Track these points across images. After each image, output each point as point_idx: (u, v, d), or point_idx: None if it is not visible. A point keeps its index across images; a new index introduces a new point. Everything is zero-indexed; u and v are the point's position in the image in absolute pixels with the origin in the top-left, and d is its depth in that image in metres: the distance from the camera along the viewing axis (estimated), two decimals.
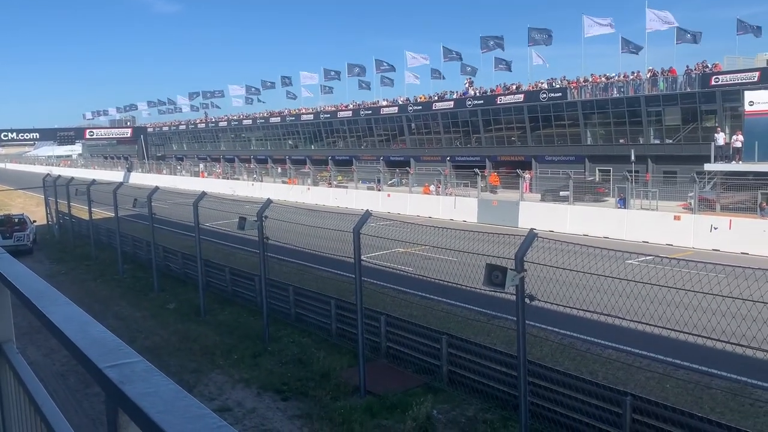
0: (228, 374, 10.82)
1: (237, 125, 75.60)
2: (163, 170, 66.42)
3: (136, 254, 21.15)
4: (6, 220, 25.13)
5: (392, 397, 9.36)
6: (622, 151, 38.98)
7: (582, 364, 10.05)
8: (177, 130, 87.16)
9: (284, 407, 9.53)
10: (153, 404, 0.99)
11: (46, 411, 1.82)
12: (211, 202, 15.03)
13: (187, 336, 12.91)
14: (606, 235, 23.26)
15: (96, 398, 10.10)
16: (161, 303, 15.76)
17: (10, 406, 2.33)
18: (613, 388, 7.94)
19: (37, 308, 1.62)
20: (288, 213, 13.43)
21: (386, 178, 45.98)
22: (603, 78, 42.87)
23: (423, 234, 11.00)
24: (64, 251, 24.55)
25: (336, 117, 61.87)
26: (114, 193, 19.31)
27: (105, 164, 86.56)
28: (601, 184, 27.32)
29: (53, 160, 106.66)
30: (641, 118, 39.65)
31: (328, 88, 66.92)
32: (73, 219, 26.57)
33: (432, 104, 52.77)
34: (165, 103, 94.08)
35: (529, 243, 7.36)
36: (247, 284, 15.26)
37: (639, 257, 9.15)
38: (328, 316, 12.55)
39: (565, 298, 7.60)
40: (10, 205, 42.64)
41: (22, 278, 2.03)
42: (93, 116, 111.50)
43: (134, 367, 1.15)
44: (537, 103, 44.88)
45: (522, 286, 7.28)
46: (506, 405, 8.85)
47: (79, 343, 1.30)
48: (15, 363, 2.26)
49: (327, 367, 10.63)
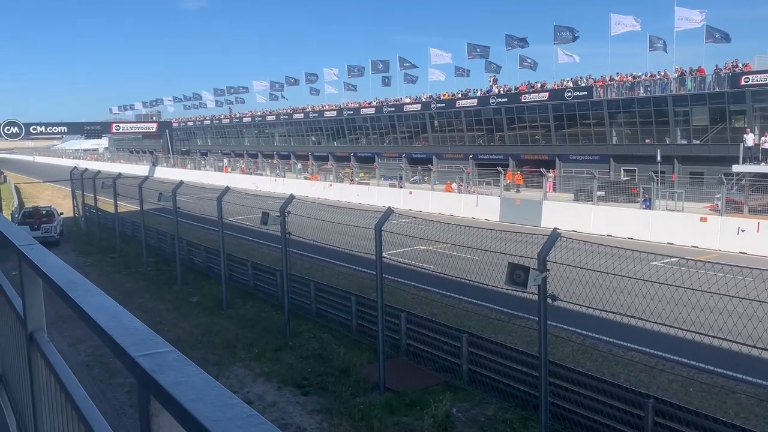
0: (249, 368, 10.93)
1: (261, 121, 76.07)
2: (188, 165, 67.08)
3: (160, 247, 21.42)
4: (34, 212, 25.63)
5: (411, 395, 9.36)
6: (648, 151, 38.47)
7: (604, 365, 9.97)
8: (201, 126, 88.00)
9: (304, 402, 9.59)
10: (185, 393, 1.01)
11: (77, 398, 1.86)
12: (234, 197, 15.14)
13: (209, 329, 13.06)
14: (630, 236, 23.01)
15: (119, 388, 10.28)
16: (184, 296, 15.95)
17: (41, 394, 2.39)
18: (636, 391, 7.86)
19: (71, 298, 1.65)
20: (310, 209, 13.49)
21: (408, 176, 45.93)
22: (629, 77, 42.33)
23: (444, 232, 10.98)
24: (90, 243, 24.96)
25: (359, 114, 61.94)
26: (139, 186, 19.57)
27: (131, 158, 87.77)
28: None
29: (80, 154, 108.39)
30: (668, 118, 39.07)
31: (351, 85, 67.11)
32: (99, 212, 26.99)
33: (455, 102, 52.57)
34: (190, 98, 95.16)
35: (552, 242, 7.31)
36: (268, 279, 15.37)
37: (664, 259, 9.05)
38: (348, 312, 12.60)
39: (588, 299, 7.54)
40: (39, 197, 43.45)
41: (54, 268, 2.07)
42: (119, 111, 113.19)
43: (165, 357, 1.18)
44: (562, 102, 44.47)
45: (544, 286, 7.23)
46: (526, 405, 8.81)
47: (111, 333, 1.32)
48: (47, 351, 2.32)
49: (347, 363, 10.67)
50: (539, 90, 47.16)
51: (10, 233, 2.93)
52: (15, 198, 37.38)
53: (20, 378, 3.04)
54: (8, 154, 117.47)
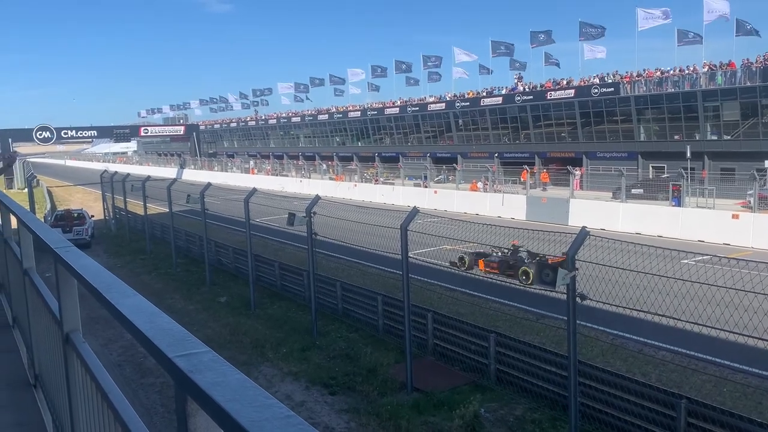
0: (277, 367, 11.01)
1: (286, 123, 76.58)
2: (215, 167, 67.79)
3: (189, 249, 21.68)
4: (66, 215, 26.13)
5: (439, 395, 9.35)
6: (677, 147, 37.82)
7: (634, 365, 9.83)
8: (228, 128, 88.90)
9: (332, 401, 9.63)
10: (222, 393, 1.02)
11: (114, 398, 1.89)
12: (261, 198, 15.27)
13: (237, 329, 13.19)
14: (660, 234, 22.64)
15: (151, 388, 10.44)
16: (213, 296, 16.13)
17: (77, 394, 2.43)
18: (668, 391, 7.73)
19: (107, 299, 1.68)
20: (335, 209, 13.53)
21: (433, 175, 45.81)
22: (657, 72, 41.67)
23: (470, 231, 10.95)
24: (121, 245, 25.36)
25: (383, 114, 61.96)
26: (168, 189, 19.83)
27: (159, 161, 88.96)
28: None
29: (110, 157, 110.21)
30: (698, 114, 38.36)
31: (375, 86, 67.21)
32: (129, 214, 27.42)
33: (480, 100, 52.29)
34: (217, 101, 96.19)
35: (580, 241, 7.24)
36: (295, 279, 15.47)
37: (695, 257, 8.89)
38: (375, 312, 12.62)
39: (618, 298, 7.45)
40: (70, 200, 44.30)
41: (90, 270, 2.11)
42: (147, 114, 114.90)
43: (202, 357, 1.19)
44: (588, 99, 43.95)
45: (573, 285, 7.16)
46: (555, 405, 8.73)
47: (148, 334, 1.35)
48: (82, 352, 2.36)
49: (374, 362, 10.69)
50: (565, 87, 46.68)
51: (46, 236, 2.99)
52: (47, 201, 38.15)
53: (56, 378, 3.11)
54: (40, 158, 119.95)
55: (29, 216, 4.22)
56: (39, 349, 3.80)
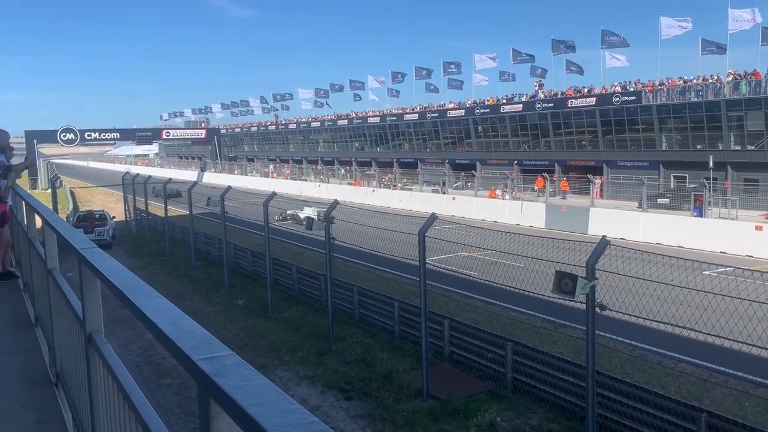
0: (293, 371, 11.03)
1: (305, 127, 76.91)
2: (235, 170, 68.30)
3: (208, 251, 21.84)
4: (88, 216, 26.48)
5: (455, 402, 9.30)
6: (699, 157, 37.34)
7: (653, 377, 9.70)
8: (248, 132, 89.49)
9: (347, 406, 9.63)
10: (246, 397, 1.03)
11: (135, 399, 1.91)
12: (280, 202, 15.35)
13: (255, 332, 13.25)
14: (680, 245, 22.35)
15: (168, 389, 10.52)
16: (231, 299, 16.22)
17: (99, 394, 2.46)
18: (687, 404, 7.62)
19: (130, 300, 1.70)
20: (354, 214, 13.56)
21: (451, 181, 45.70)
22: (680, 81, 41.23)
23: (488, 238, 10.87)
24: (141, 246, 25.63)
25: (402, 119, 61.97)
26: (188, 192, 20.01)
27: (180, 164, 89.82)
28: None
29: (131, 159, 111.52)
30: (721, 123, 37.84)
31: (395, 91, 67.25)
32: (150, 216, 27.70)
33: (500, 107, 52.09)
34: (238, 105, 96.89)
35: (601, 250, 7.17)
36: (313, 283, 15.51)
37: (717, 268, 8.76)
38: (391, 317, 12.60)
39: (637, 309, 7.37)
40: (92, 201, 44.89)
41: (113, 271, 2.14)
42: (169, 117, 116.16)
43: (225, 361, 1.20)
44: (610, 107, 43.58)
45: (593, 295, 7.10)
46: (573, 416, 8.65)
47: (172, 336, 1.36)
48: (104, 352, 2.39)
49: (390, 368, 10.67)
50: (586, 95, 46.34)
51: (70, 236, 3.03)
52: (70, 202, 38.67)
53: (78, 377, 3.14)
54: (64, 160, 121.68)
55: (54, 216, 4.28)
56: (61, 348, 3.84)
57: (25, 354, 4.95)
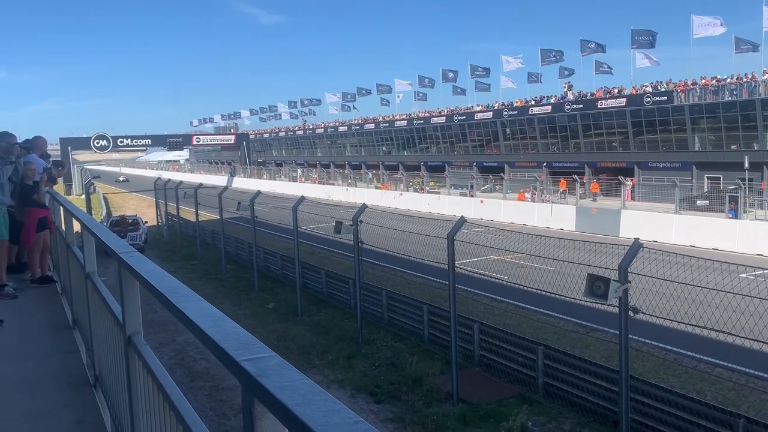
0: (323, 374, 11.08)
1: (333, 132, 77.33)
2: (264, 175, 68.94)
3: (238, 255, 22.07)
4: (121, 221, 26.97)
5: (486, 407, 9.24)
6: (733, 158, 36.56)
7: (688, 382, 9.52)
8: (277, 137, 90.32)
9: (377, 410, 9.64)
10: (290, 397, 1.05)
11: (175, 400, 1.95)
12: (308, 206, 15.45)
13: (285, 335, 13.34)
14: (715, 247, 21.91)
15: (199, 392, 10.64)
16: (261, 302, 16.37)
17: (138, 395, 2.51)
18: (725, 410, 7.47)
19: (172, 303, 1.73)
20: (382, 218, 13.57)
21: (479, 184, 45.49)
22: (713, 81, 40.45)
23: (518, 241, 10.80)
24: (172, 251, 26.01)
25: (429, 123, 61.90)
26: (219, 196, 20.27)
27: (210, 169, 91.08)
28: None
29: (163, 165, 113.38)
30: (756, 123, 37.00)
31: (422, 95, 67.26)
32: (181, 221, 28.12)
33: (528, 109, 51.70)
34: (266, 110, 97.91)
35: (634, 253, 7.08)
36: (341, 287, 15.57)
37: (754, 271, 8.58)
38: (420, 321, 12.58)
39: (672, 312, 7.25)
40: (125, 206, 45.72)
41: (154, 275, 2.19)
42: (199, 123, 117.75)
43: (268, 362, 1.22)
44: (641, 107, 42.95)
45: (626, 298, 7.00)
46: (605, 420, 8.54)
47: (215, 337, 1.39)
48: (144, 354, 2.44)
49: (419, 372, 10.65)
50: (616, 96, 45.74)
51: (110, 241, 3.11)
52: (103, 207, 39.46)
53: (117, 379, 3.21)
54: (97, 166, 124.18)
55: (92, 222, 4.39)
56: (99, 350, 3.93)
57: (63, 356, 5.07)
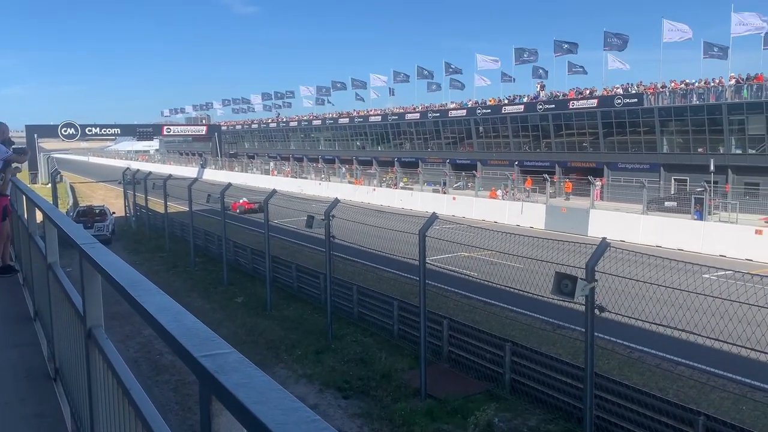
0: (292, 369, 11.04)
1: (307, 125, 76.89)
2: (235, 167, 68.29)
3: (207, 248, 21.83)
4: (88, 211, 26.47)
5: (453, 402, 9.30)
6: (700, 160, 37.36)
7: (651, 379, 9.70)
8: (249, 129, 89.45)
9: (345, 405, 9.63)
10: (248, 394, 1.02)
11: (134, 394, 1.90)
12: (280, 199, 15.34)
13: (253, 329, 13.25)
14: (680, 248, 22.35)
15: (165, 385, 10.51)
16: (230, 296, 16.22)
17: (98, 389, 2.46)
18: (685, 407, 7.63)
19: (132, 296, 1.69)
20: (354, 213, 13.55)
21: (452, 181, 45.69)
22: (682, 84, 41.22)
23: (488, 239, 10.86)
24: (140, 242, 25.62)
25: (403, 119, 61.95)
26: (189, 188, 20.01)
27: (180, 160, 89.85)
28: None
29: (132, 155, 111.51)
30: (722, 127, 37.84)
31: (397, 91, 67.23)
32: (150, 212, 27.69)
33: (501, 107, 52.07)
34: (239, 102, 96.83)
35: (601, 252, 7.17)
36: (312, 281, 15.51)
37: (717, 272, 8.76)
38: (390, 317, 12.60)
39: (636, 311, 7.37)
40: (92, 196, 44.87)
41: (115, 267, 2.13)
42: (170, 113, 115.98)
43: (227, 358, 1.20)
44: (611, 109, 43.58)
45: (592, 297, 7.10)
46: (570, 417, 8.65)
47: (174, 332, 1.35)
48: (104, 347, 2.38)
49: (388, 367, 10.67)
50: (588, 96, 46.32)
51: (71, 231, 3.03)
52: (70, 197, 38.66)
53: (77, 372, 3.14)
54: (64, 155, 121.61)
55: (55, 211, 4.28)
56: (60, 342, 3.84)
57: (23, 348, 4.95)
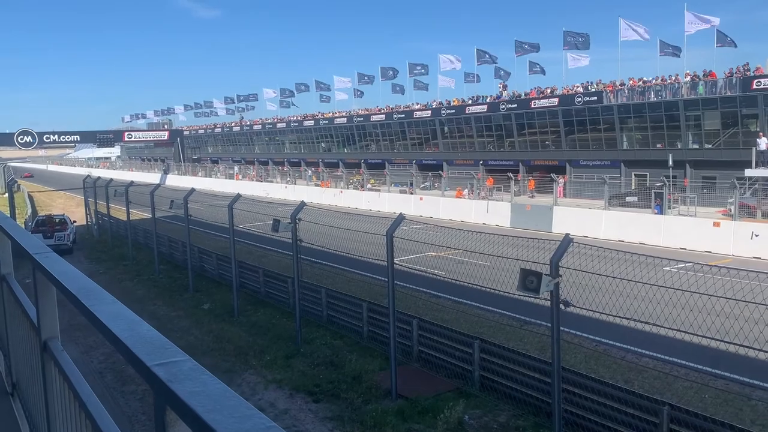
0: (261, 375, 10.92)
1: (271, 128, 76.38)
2: (199, 173, 67.49)
3: (172, 255, 21.50)
4: (47, 220, 25.83)
5: (424, 402, 9.32)
6: (659, 156, 38.27)
7: (617, 372, 9.88)
8: (213, 133, 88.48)
9: (316, 409, 9.57)
10: (202, 403, 1.00)
11: (91, 407, 1.86)
12: (245, 204, 15.18)
13: (221, 336, 13.08)
14: (642, 242, 22.84)
15: (132, 396, 10.31)
16: (196, 303, 15.99)
17: (55, 403, 2.39)
18: (650, 398, 7.78)
19: (85, 306, 1.65)
20: (321, 216, 13.48)
21: (418, 182, 45.91)
22: (640, 82, 42.15)
23: (455, 238, 10.92)
24: (103, 251, 25.10)
25: (369, 120, 62.01)
26: (151, 194, 19.67)
27: (142, 166, 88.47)
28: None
29: (93, 162, 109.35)
30: (680, 123, 38.84)
31: (361, 92, 67.28)
32: (112, 220, 27.16)
33: (465, 108, 52.53)
34: (202, 106, 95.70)
35: (564, 248, 7.27)
36: (280, 286, 15.39)
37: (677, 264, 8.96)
38: (360, 318, 12.58)
39: (601, 305, 7.48)
40: (52, 205, 43.79)
41: (68, 276, 2.07)
42: (131, 119, 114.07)
43: (182, 366, 1.17)
44: (572, 107, 44.35)
45: (557, 292, 7.19)
46: (539, 412, 8.75)
47: (127, 341, 1.32)
48: (60, 360, 2.32)
49: (359, 369, 10.65)
50: (549, 96, 47.05)
51: (24, 242, 2.94)
52: (28, 206, 37.67)
53: (34, 386, 3.05)
54: (22, 163, 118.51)
55: (7, 221, 4.15)
56: (16, 356, 3.73)
57: None
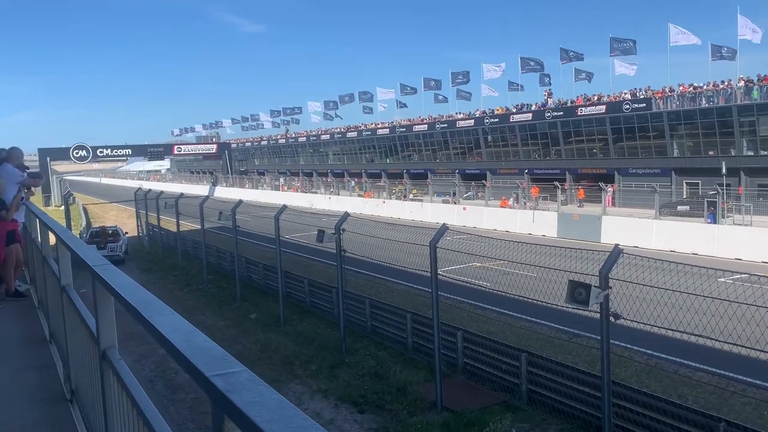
0: (306, 384, 11.00)
1: (315, 140, 77.28)
2: (246, 184, 68.62)
3: (220, 265, 21.90)
4: (101, 232, 26.63)
5: (470, 414, 9.23)
6: (711, 163, 37.13)
7: (670, 386, 9.59)
8: (259, 146, 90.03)
9: (361, 420, 9.58)
10: (259, 413, 1.02)
11: (149, 415, 1.91)
12: (291, 215, 15.38)
13: (267, 345, 13.24)
14: (695, 252, 22.16)
15: (182, 404, 10.51)
16: (243, 313, 16.23)
17: (113, 410, 2.46)
18: (705, 413, 7.52)
19: (144, 317, 1.70)
20: (364, 226, 13.54)
21: (461, 192, 45.65)
22: (691, 87, 41.07)
23: (500, 248, 10.81)
24: (154, 261, 25.74)
25: (411, 131, 62.11)
26: (200, 206, 20.12)
27: (191, 178, 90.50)
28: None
29: (143, 175, 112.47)
30: (733, 129, 37.64)
31: (404, 103, 67.46)
32: (162, 231, 27.85)
33: (509, 116, 52.10)
34: (248, 119, 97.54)
35: (614, 259, 7.12)
36: (324, 296, 15.50)
37: (732, 275, 8.66)
38: (404, 329, 12.55)
39: (652, 317, 7.30)
40: (105, 217, 45.17)
41: (127, 288, 2.15)
42: (180, 133, 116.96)
43: (239, 377, 1.20)
44: (620, 114, 43.47)
45: (607, 304, 7.04)
46: (588, 426, 8.56)
47: (185, 352, 1.36)
48: (118, 368, 2.39)
49: (403, 381, 10.61)
50: (596, 103, 46.26)
51: (84, 254, 3.05)
52: (83, 218, 38.95)
53: (92, 394, 3.15)
54: (77, 176, 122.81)
55: (68, 234, 4.32)
56: (75, 364, 3.86)
57: (39, 371, 4.97)
